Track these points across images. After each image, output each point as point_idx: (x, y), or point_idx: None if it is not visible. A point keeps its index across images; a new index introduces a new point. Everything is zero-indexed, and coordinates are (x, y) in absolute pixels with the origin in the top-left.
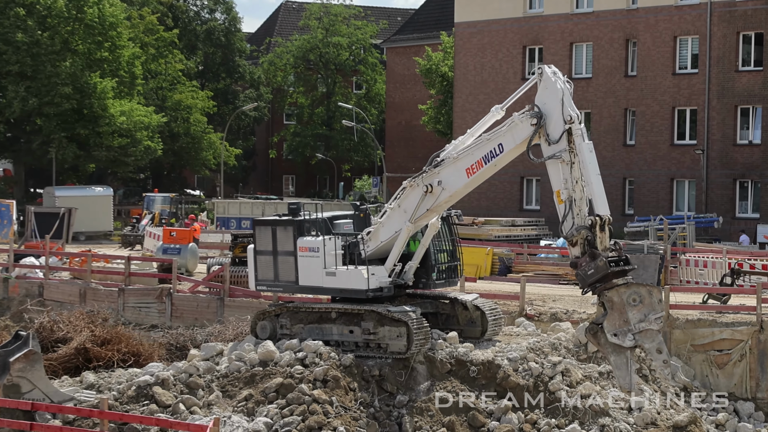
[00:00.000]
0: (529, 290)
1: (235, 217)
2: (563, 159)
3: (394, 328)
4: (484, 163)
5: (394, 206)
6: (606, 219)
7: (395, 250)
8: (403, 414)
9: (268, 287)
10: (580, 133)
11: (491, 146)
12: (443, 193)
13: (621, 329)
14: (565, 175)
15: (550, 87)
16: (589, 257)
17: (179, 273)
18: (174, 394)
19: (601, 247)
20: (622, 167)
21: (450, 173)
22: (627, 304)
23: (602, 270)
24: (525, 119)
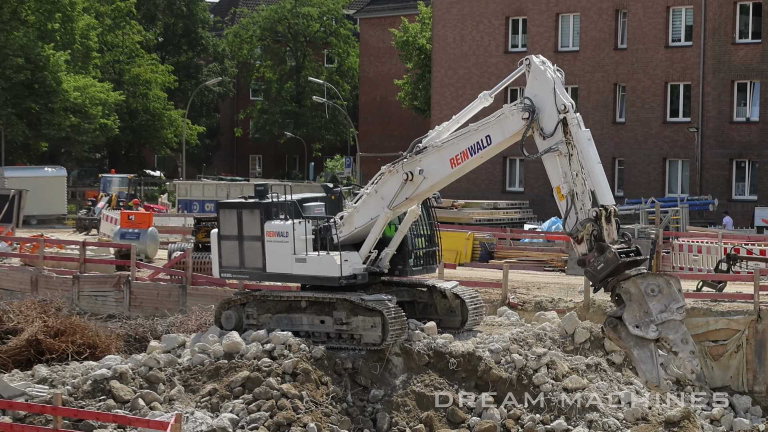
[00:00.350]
0: (512, 277)
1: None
2: (560, 151)
3: (368, 317)
4: (469, 155)
5: (370, 191)
6: (612, 209)
7: (371, 237)
8: (378, 409)
9: (233, 274)
10: (576, 122)
11: (478, 137)
12: (424, 183)
13: (643, 320)
14: (564, 169)
15: (540, 77)
16: (597, 251)
17: (138, 259)
18: (133, 388)
19: (609, 240)
20: (611, 146)
21: (432, 162)
22: (646, 295)
23: (613, 262)
24: (516, 112)
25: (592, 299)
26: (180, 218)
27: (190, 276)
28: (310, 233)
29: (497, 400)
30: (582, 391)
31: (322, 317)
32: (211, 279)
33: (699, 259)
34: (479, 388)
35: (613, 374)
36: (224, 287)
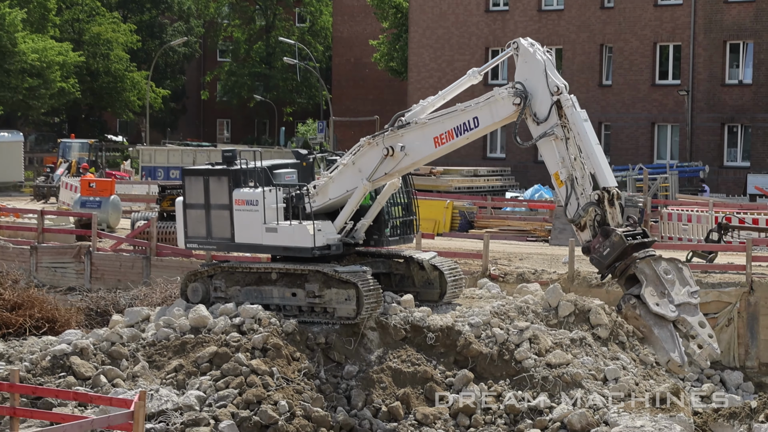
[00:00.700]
0: (493, 248)
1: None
2: (556, 135)
3: (342, 290)
4: (455, 135)
5: (347, 162)
6: (614, 192)
7: (348, 208)
8: (353, 386)
9: (200, 245)
10: (570, 103)
11: (466, 118)
12: (405, 159)
13: (662, 300)
14: (561, 153)
15: (530, 60)
16: (601, 236)
17: (100, 229)
18: (94, 364)
19: (613, 223)
20: (598, 110)
21: (415, 139)
22: (661, 276)
23: (619, 246)
24: (507, 97)
25: (576, 270)
26: (144, 186)
27: (154, 246)
28: (281, 202)
29: (477, 376)
30: (566, 367)
31: (294, 290)
32: (176, 250)
33: (689, 229)
34: (458, 364)
35: (598, 349)
36: (190, 258)
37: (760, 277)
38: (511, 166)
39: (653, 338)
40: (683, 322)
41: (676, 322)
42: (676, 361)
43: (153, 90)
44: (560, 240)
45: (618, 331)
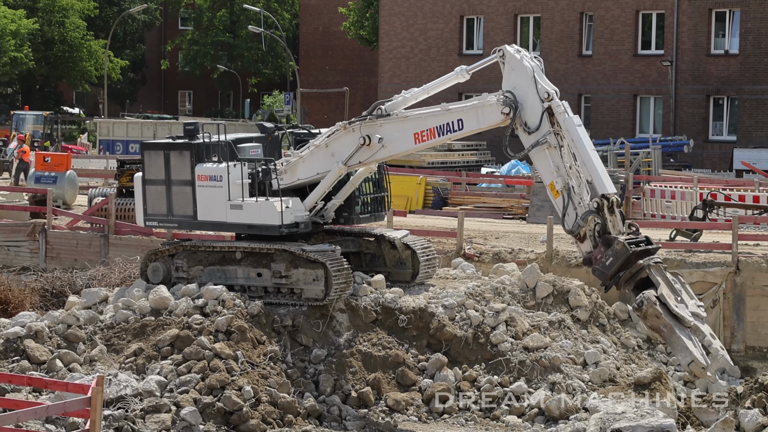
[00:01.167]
0: (468, 226)
1: (121, 140)
2: (549, 144)
3: (309, 270)
4: (437, 134)
5: (320, 144)
6: (614, 199)
7: (320, 189)
8: (321, 371)
9: (160, 223)
10: (562, 109)
11: (450, 119)
12: (382, 151)
13: (680, 304)
14: (555, 162)
15: (517, 67)
16: (603, 245)
17: (55, 206)
18: (49, 348)
19: (614, 232)
20: (577, 81)
21: (394, 131)
22: (672, 284)
23: (623, 254)
24: (495, 105)
25: (555, 250)
26: (101, 160)
27: (112, 224)
28: (246, 177)
29: (451, 360)
30: (544, 351)
31: (259, 270)
32: (136, 228)
33: (672, 206)
34: (432, 348)
35: (578, 332)
36: (151, 237)
37: (746, 256)
38: (487, 140)
39: (674, 338)
40: (697, 330)
41: (691, 329)
42: (700, 361)
43: (111, 60)
44: (538, 218)
45: (598, 313)
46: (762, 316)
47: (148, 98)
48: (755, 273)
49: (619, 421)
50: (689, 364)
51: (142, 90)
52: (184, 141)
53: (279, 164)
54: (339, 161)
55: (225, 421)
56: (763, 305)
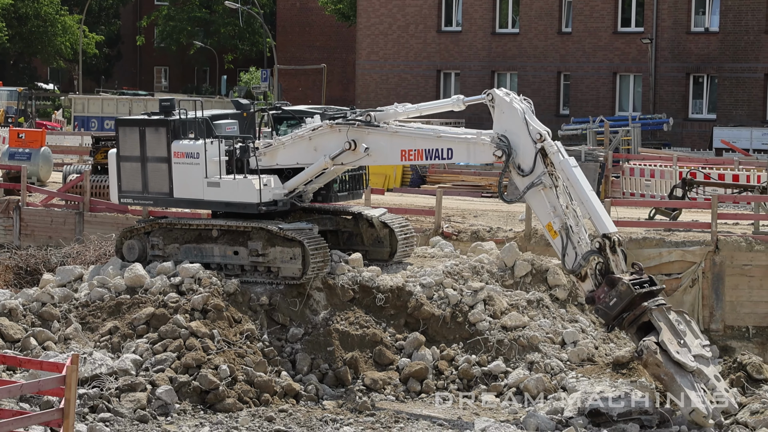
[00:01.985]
0: (447, 204)
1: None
2: (544, 185)
3: (286, 248)
4: (424, 157)
5: (304, 135)
6: (616, 239)
7: (303, 176)
8: (298, 349)
9: (135, 200)
10: (554, 149)
11: (440, 146)
12: (366, 159)
13: (681, 348)
14: (552, 203)
15: (508, 110)
16: (607, 286)
17: (29, 182)
18: (24, 326)
19: (617, 271)
20: (557, 59)
21: (381, 142)
22: (675, 326)
23: (627, 295)
24: (489, 146)
25: (533, 228)
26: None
27: (87, 201)
28: (223, 154)
29: (429, 339)
30: (522, 330)
31: (236, 248)
32: (111, 205)
33: (652, 185)
34: (409, 327)
35: (556, 311)
36: (126, 214)
37: (725, 235)
38: (466, 117)
39: (675, 386)
40: (700, 373)
41: (693, 373)
42: (701, 411)
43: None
44: (517, 196)
45: (577, 292)
46: (741, 295)
47: (124, 74)
48: (734, 252)
49: (597, 401)
50: (690, 413)
51: (118, 66)
52: (159, 117)
53: (261, 145)
54: (326, 155)
55: (201, 400)
56: (742, 284)
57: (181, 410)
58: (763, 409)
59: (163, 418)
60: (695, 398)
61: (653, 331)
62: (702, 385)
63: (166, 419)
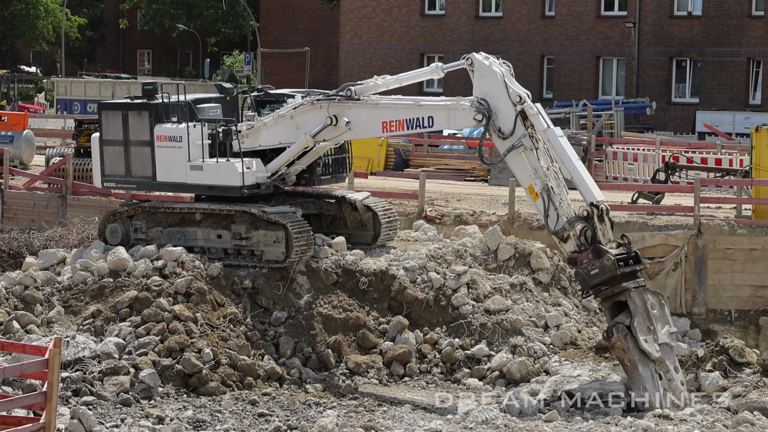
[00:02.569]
0: (430, 188)
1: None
2: (525, 146)
3: (270, 232)
4: (405, 127)
5: (285, 115)
6: (604, 207)
7: (284, 157)
8: (281, 333)
9: (118, 184)
10: (535, 111)
11: (420, 114)
12: (348, 133)
13: (649, 336)
14: (533, 165)
15: (487, 74)
16: (593, 254)
17: (12, 166)
18: (6, 309)
19: (604, 240)
20: (540, 43)
21: (362, 115)
22: (649, 310)
23: (610, 271)
24: (468, 110)
25: (517, 212)
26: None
27: (70, 185)
28: (206, 138)
29: (413, 322)
30: (505, 313)
31: (219, 231)
32: (94, 188)
33: (634, 168)
34: (393, 310)
35: (539, 294)
36: (109, 198)
37: (708, 219)
38: None
39: (635, 375)
40: (662, 363)
41: (656, 362)
42: (654, 404)
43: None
44: (500, 180)
45: (560, 276)
46: (723, 279)
47: (107, 57)
48: (717, 236)
49: (572, 383)
50: (643, 404)
51: (101, 49)
52: (142, 101)
53: (243, 128)
54: (306, 133)
55: (184, 383)
56: (725, 268)
57: (164, 394)
58: (745, 392)
59: (146, 402)
60: (651, 390)
61: (626, 311)
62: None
63: (149, 403)
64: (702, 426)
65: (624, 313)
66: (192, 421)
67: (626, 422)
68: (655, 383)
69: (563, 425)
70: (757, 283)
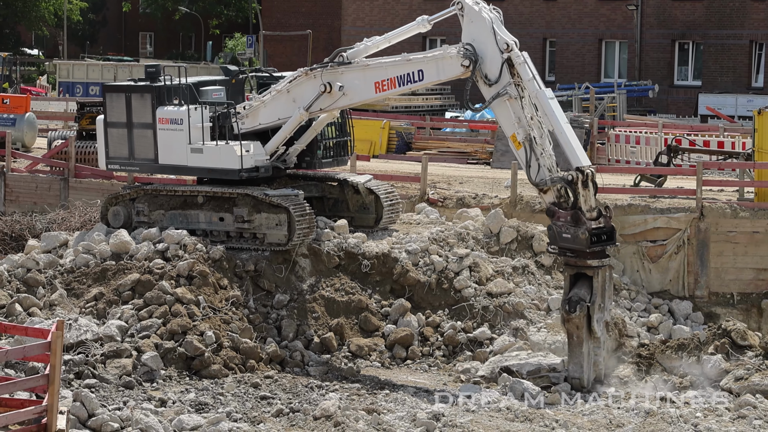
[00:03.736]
0: (432, 171)
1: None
2: (510, 95)
3: (272, 215)
4: (397, 84)
5: (282, 89)
6: (589, 173)
7: (281, 134)
8: (283, 316)
9: (122, 166)
10: (521, 60)
11: (410, 69)
12: (343, 99)
13: (600, 314)
14: (516, 113)
15: (476, 19)
16: (571, 219)
17: (14, 148)
18: (9, 292)
19: (585, 207)
20: (542, 25)
21: (355, 79)
22: (606, 289)
23: (580, 244)
24: (456, 57)
25: (519, 195)
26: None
27: (73, 167)
28: (207, 121)
29: (415, 305)
30: (508, 296)
31: (221, 214)
32: (96, 171)
33: (637, 151)
34: (395, 293)
35: (542, 278)
36: (111, 180)
37: (710, 202)
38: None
39: (577, 351)
40: (597, 342)
41: (596, 341)
42: (582, 382)
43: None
44: (502, 163)
45: (562, 260)
46: (725, 262)
47: (109, 40)
48: (719, 219)
49: (509, 360)
50: (572, 380)
51: (103, 32)
52: (145, 84)
53: (241, 108)
54: (300, 107)
55: (186, 366)
56: (727, 251)
57: (167, 376)
58: (747, 375)
59: (149, 384)
60: (586, 369)
61: (586, 285)
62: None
63: (151, 385)
64: (704, 409)
65: (584, 287)
66: (194, 403)
67: (629, 405)
68: (589, 362)
69: (565, 408)
70: (760, 266)
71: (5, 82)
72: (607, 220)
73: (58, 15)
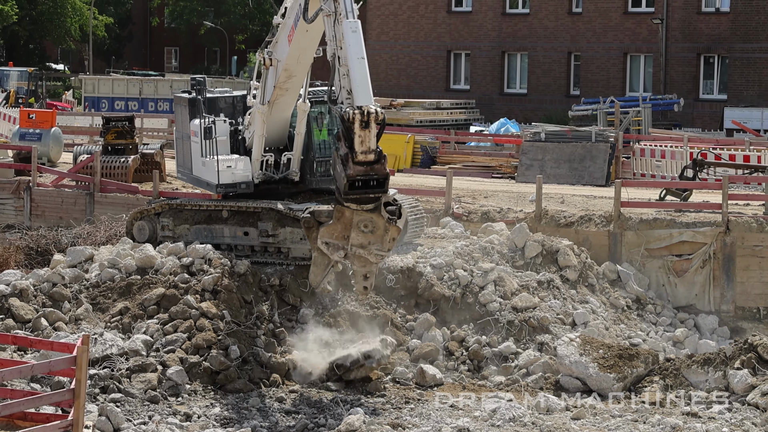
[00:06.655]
0: (457, 185)
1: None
2: (325, 11)
3: (297, 229)
4: (294, 26)
5: None
6: (371, 112)
7: (256, 141)
8: (308, 330)
9: (183, 175)
10: None
11: (296, 6)
12: (279, 66)
13: (335, 242)
14: (330, 31)
15: None
16: (341, 161)
17: (40, 163)
18: (35, 306)
19: (360, 149)
20: (567, 39)
21: (279, 41)
22: (356, 227)
23: (341, 188)
24: None
25: (544, 209)
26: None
27: (98, 182)
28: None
29: (440, 320)
30: (533, 311)
31: (246, 228)
32: (121, 186)
33: (662, 165)
34: (420, 307)
35: (566, 292)
36: (136, 195)
37: (736, 216)
38: (476, 98)
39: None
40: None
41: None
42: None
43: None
44: (527, 177)
45: (587, 273)
46: (752, 276)
47: (134, 55)
48: (745, 233)
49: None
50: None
51: (128, 46)
52: (191, 96)
53: (245, 121)
54: (258, 103)
55: (211, 380)
56: (753, 265)
57: (192, 391)
58: None
59: (174, 399)
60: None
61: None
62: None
63: (176, 400)
64: (731, 424)
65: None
66: (219, 418)
67: (654, 420)
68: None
69: (590, 422)
70: None
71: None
72: (381, 168)
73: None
